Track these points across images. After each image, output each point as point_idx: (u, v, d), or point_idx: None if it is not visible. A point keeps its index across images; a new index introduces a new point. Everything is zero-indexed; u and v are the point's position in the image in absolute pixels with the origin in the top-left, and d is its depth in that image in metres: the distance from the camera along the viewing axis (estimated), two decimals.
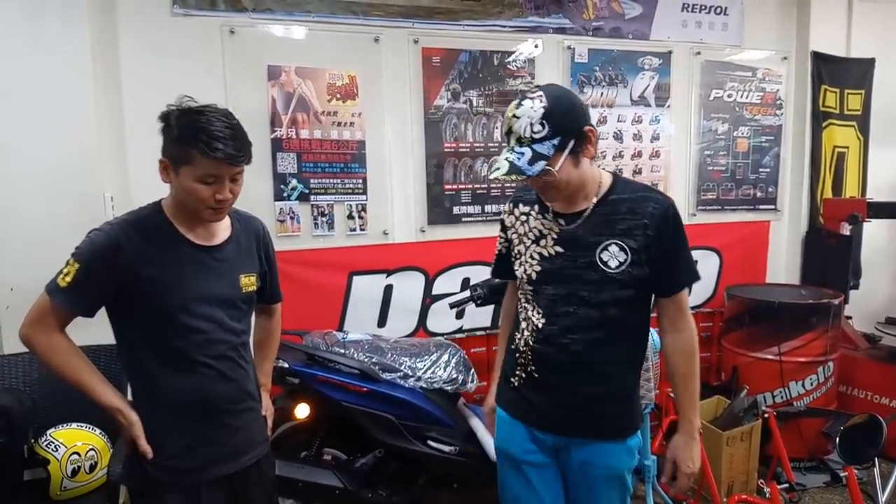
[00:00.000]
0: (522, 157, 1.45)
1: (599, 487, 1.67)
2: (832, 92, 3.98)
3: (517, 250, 1.70)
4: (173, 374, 1.52)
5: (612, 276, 1.54)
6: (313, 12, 2.95)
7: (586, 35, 3.47)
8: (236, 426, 1.63)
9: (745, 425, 3.01)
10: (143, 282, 1.47)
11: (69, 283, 1.46)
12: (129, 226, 1.51)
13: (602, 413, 1.63)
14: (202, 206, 1.48)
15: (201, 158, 1.42)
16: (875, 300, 4.22)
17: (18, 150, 2.51)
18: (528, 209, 1.68)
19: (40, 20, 2.50)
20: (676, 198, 3.67)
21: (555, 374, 1.62)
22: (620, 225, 1.55)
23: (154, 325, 1.51)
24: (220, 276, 1.58)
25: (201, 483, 1.56)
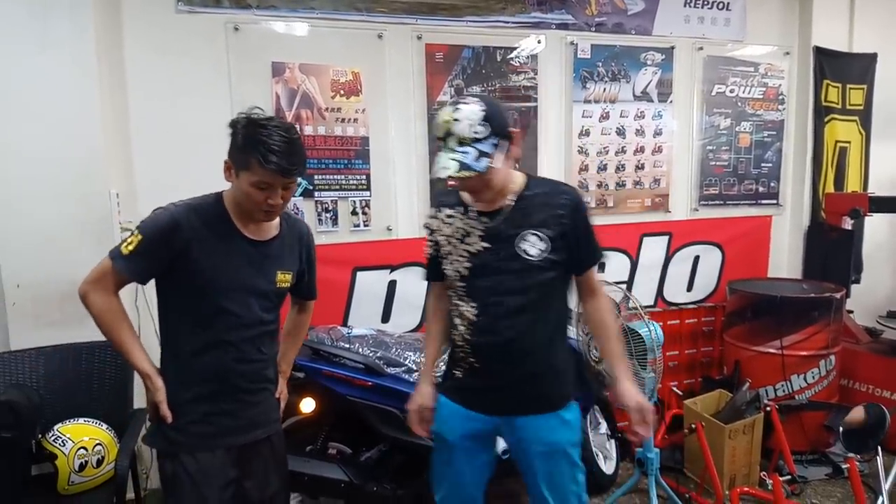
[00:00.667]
0: (468, 156, 1.56)
1: (544, 463, 1.78)
2: (834, 87, 3.99)
3: (445, 251, 1.80)
4: (201, 347, 1.69)
5: (533, 264, 1.69)
6: (317, 9, 2.96)
7: (589, 31, 3.48)
8: (251, 402, 1.79)
9: (748, 418, 3.04)
10: (193, 262, 1.64)
11: (131, 251, 1.63)
12: (192, 210, 1.67)
13: (538, 390, 1.77)
14: (255, 208, 1.64)
15: (258, 167, 1.57)
16: (876, 294, 4.24)
17: (25, 149, 2.54)
18: (453, 212, 1.80)
19: (47, 20, 2.51)
20: (679, 193, 3.77)
21: (493, 361, 1.75)
22: (537, 217, 1.70)
23: (194, 301, 1.68)
24: (260, 270, 1.74)
25: (215, 448, 1.72)
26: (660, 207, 3.79)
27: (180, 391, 1.70)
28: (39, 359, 2.54)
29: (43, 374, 2.54)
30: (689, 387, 3.82)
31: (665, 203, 3.80)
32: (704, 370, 3.91)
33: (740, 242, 3.98)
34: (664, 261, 3.83)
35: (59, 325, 2.63)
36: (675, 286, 3.88)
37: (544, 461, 1.78)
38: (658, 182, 3.76)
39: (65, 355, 2.58)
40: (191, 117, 2.84)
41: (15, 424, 2.20)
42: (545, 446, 1.77)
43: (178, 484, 1.70)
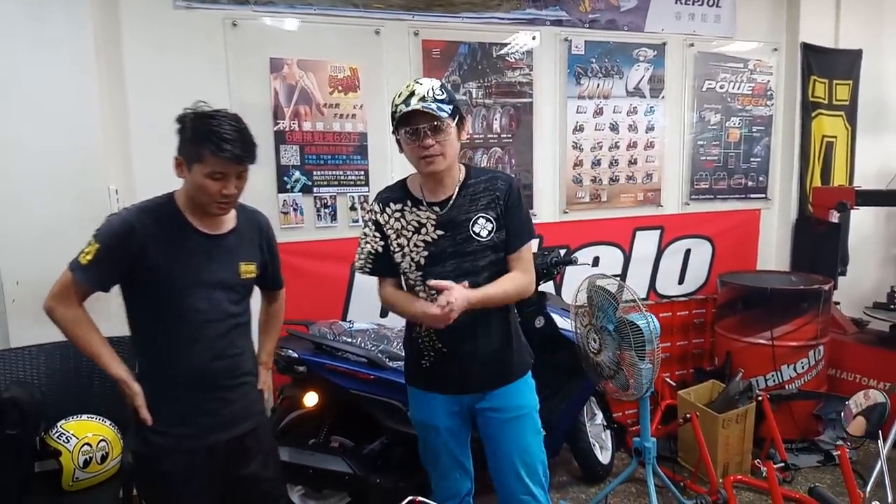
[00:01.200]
0: (435, 105, 1.70)
1: (512, 430, 1.94)
2: (821, 83, 4.07)
3: (397, 244, 1.88)
4: (173, 349, 1.69)
5: (485, 244, 1.84)
6: (315, 5, 2.96)
7: (583, 27, 3.52)
8: (231, 399, 1.79)
9: (740, 408, 3.11)
10: (151, 263, 1.65)
11: (89, 261, 1.65)
12: (143, 212, 1.69)
13: (501, 360, 1.93)
14: (210, 200, 1.65)
15: (211, 157, 1.60)
16: (862, 286, 4.33)
17: (23, 146, 2.52)
18: (401, 206, 1.88)
19: (44, 16, 2.49)
20: (670, 187, 3.83)
21: (459, 342, 1.87)
22: (482, 201, 1.85)
23: (159, 303, 1.68)
24: (221, 263, 1.75)
25: (197, 449, 1.72)
26: (652, 202, 3.85)
27: (157, 394, 1.71)
28: (40, 355, 2.53)
29: (44, 370, 2.53)
30: (680, 378, 3.89)
31: (657, 197, 3.85)
32: (696, 361, 3.98)
33: (730, 236, 4.06)
34: (656, 254, 3.89)
35: None
36: (666, 279, 3.95)
37: (512, 428, 1.93)
38: (650, 177, 3.81)
39: (66, 352, 2.56)
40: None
41: (19, 421, 2.19)
42: (513, 411, 1.94)
43: (159, 486, 1.74)
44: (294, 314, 2.77)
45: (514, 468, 1.94)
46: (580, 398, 2.99)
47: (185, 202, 1.71)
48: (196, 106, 1.69)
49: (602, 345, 2.57)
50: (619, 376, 2.56)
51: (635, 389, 2.54)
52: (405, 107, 1.72)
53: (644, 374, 2.49)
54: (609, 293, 2.53)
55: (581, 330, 2.68)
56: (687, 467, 3.21)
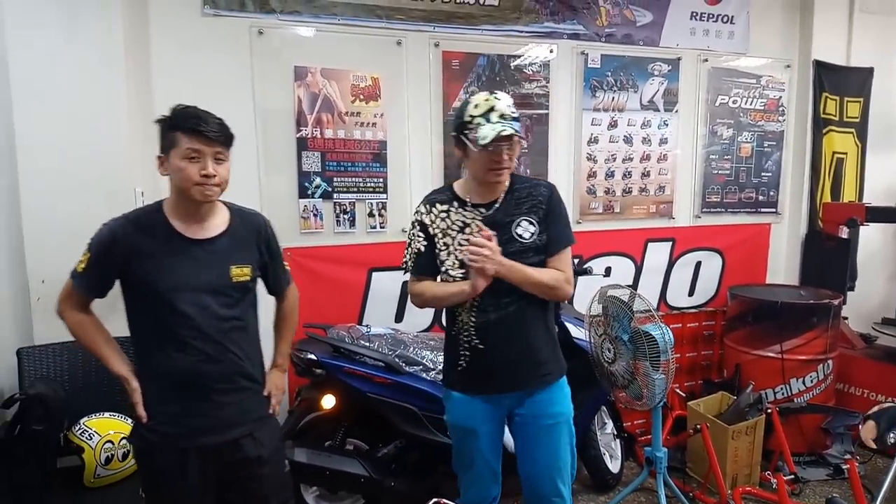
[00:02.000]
0: (516, 124, 1.82)
1: (548, 435, 1.99)
2: (832, 99, 4.11)
3: (443, 243, 1.97)
4: (164, 352, 1.72)
5: (527, 245, 1.92)
6: (339, 15, 3.02)
7: (599, 41, 3.58)
8: (224, 402, 1.78)
9: (750, 420, 3.13)
10: (136, 270, 1.70)
11: (83, 269, 1.75)
12: (128, 221, 1.75)
13: (537, 359, 1.98)
14: (189, 183, 1.67)
15: (184, 137, 1.66)
16: (870, 302, 4.36)
17: (53, 145, 2.57)
18: (447, 207, 1.98)
19: (76, 18, 2.55)
20: (682, 200, 3.88)
21: (498, 336, 1.93)
22: (525, 205, 1.95)
23: (148, 307, 1.73)
24: (209, 266, 1.76)
25: (189, 448, 1.74)
26: (664, 214, 3.89)
27: (151, 393, 1.76)
28: (64, 353, 2.58)
29: (67, 368, 2.58)
30: (689, 389, 3.92)
31: (669, 210, 3.90)
32: (705, 373, 4.01)
33: (740, 249, 4.09)
34: (667, 266, 3.92)
35: None
36: (677, 291, 3.98)
37: (549, 435, 1.99)
38: (663, 189, 3.86)
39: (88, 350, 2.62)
40: None
41: (44, 418, 2.24)
42: (551, 418, 1.99)
43: (152, 481, 1.80)
44: (312, 318, 2.82)
45: (549, 473, 2.01)
46: (592, 407, 3.02)
47: (172, 207, 1.75)
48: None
49: (616, 354, 2.61)
50: (633, 386, 2.60)
51: (648, 399, 2.58)
52: (484, 121, 1.81)
53: (658, 385, 2.53)
54: (624, 303, 2.57)
55: (595, 339, 2.72)
56: (696, 478, 3.24)
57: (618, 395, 2.76)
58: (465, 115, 1.86)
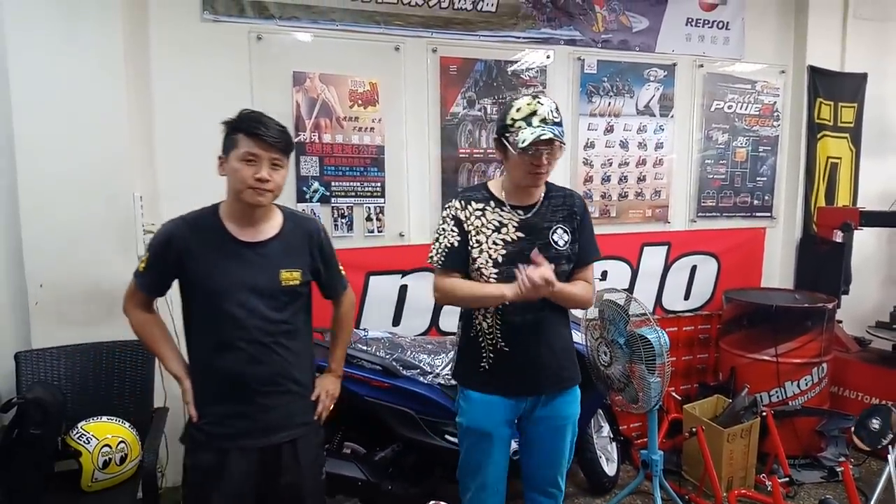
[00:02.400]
0: (557, 129, 1.82)
1: (559, 435, 2.04)
2: (827, 105, 4.15)
3: (476, 240, 1.94)
4: (213, 351, 1.77)
5: (561, 252, 1.94)
6: (337, 21, 3.05)
7: (595, 47, 3.61)
8: (269, 405, 1.80)
9: (745, 423, 3.15)
10: (189, 271, 1.76)
11: (143, 269, 1.82)
12: (184, 222, 1.79)
13: (560, 364, 2.01)
14: (243, 185, 1.70)
15: (244, 139, 1.69)
16: (864, 305, 4.38)
17: (52, 150, 2.59)
18: (483, 205, 1.96)
19: (76, 23, 2.58)
20: (678, 204, 3.91)
21: (522, 342, 1.94)
22: (560, 213, 1.98)
23: (200, 308, 1.79)
24: (259, 269, 1.78)
25: (230, 449, 1.78)
26: (660, 218, 3.92)
27: (201, 393, 1.81)
28: (61, 357, 2.59)
29: (64, 372, 2.58)
30: (685, 392, 3.94)
31: (665, 214, 3.92)
32: (700, 376, 4.03)
33: (735, 253, 4.12)
34: (663, 269, 3.95)
35: (82, 324, 2.69)
36: (673, 294, 4.00)
37: (557, 432, 2.04)
38: (658, 194, 3.88)
39: (86, 354, 2.62)
40: (214, 122, 2.86)
41: (42, 421, 2.24)
42: (562, 420, 2.04)
43: (191, 477, 1.83)
44: None
45: (551, 468, 2.07)
46: (589, 410, 3.03)
47: (227, 210, 1.79)
48: None
49: (613, 358, 2.63)
50: (629, 389, 2.62)
51: (644, 402, 2.60)
52: (525, 125, 1.82)
53: (653, 388, 2.54)
54: (620, 307, 2.59)
55: (592, 343, 2.74)
56: (691, 481, 3.25)
57: (614, 399, 2.78)
58: (508, 118, 1.86)
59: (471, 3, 3.28)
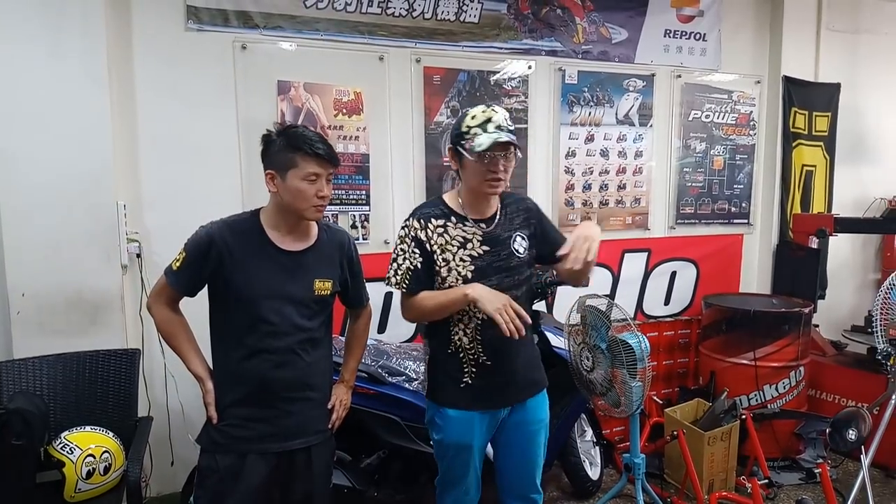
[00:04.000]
0: (511, 133, 1.83)
1: (531, 439, 2.07)
2: (801, 114, 4.25)
3: (442, 259, 1.90)
4: (241, 354, 1.79)
5: (523, 260, 1.98)
6: (322, 31, 3.07)
7: (576, 58, 3.67)
8: (290, 411, 1.84)
9: (725, 426, 3.20)
10: (228, 274, 1.77)
11: (178, 267, 1.81)
12: (226, 226, 1.81)
13: (534, 371, 2.07)
14: (307, 204, 1.76)
15: (306, 159, 1.73)
16: (840, 310, 4.49)
17: (35, 158, 2.59)
18: (443, 221, 1.92)
19: (59, 33, 2.59)
20: (657, 211, 3.97)
21: (504, 352, 1.95)
22: (517, 220, 2.00)
23: (233, 310, 1.80)
24: (295, 278, 1.83)
25: (249, 452, 1.80)
26: (639, 225, 3.98)
27: (224, 395, 1.83)
28: (43, 367, 2.56)
29: (47, 382, 2.56)
30: (666, 396, 3.98)
31: (644, 221, 3.99)
32: (681, 380, 4.08)
33: (714, 259, 4.19)
34: (643, 276, 4.01)
35: (64, 333, 2.68)
36: (653, 300, 4.06)
37: (532, 437, 2.07)
38: (638, 201, 3.95)
39: (69, 364, 2.60)
40: (197, 131, 2.92)
41: (24, 432, 2.22)
42: (537, 424, 2.07)
43: (206, 478, 1.83)
44: None
45: (529, 472, 2.09)
46: (572, 415, 3.06)
47: (270, 219, 1.83)
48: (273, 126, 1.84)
49: (595, 363, 2.66)
50: (611, 394, 2.65)
51: (626, 406, 2.63)
52: (481, 131, 1.82)
53: (635, 392, 2.58)
54: (602, 313, 2.63)
55: (574, 348, 2.77)
56: (674, 484, 3.29)
57: (597, 403, 2.81)
58: (463, 126, 1.85)
59: (454, 15, 3.32)
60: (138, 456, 2.34)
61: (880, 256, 4.78)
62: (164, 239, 2.90)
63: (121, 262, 2.75)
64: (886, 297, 3.05)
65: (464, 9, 3.34)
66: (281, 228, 1.83)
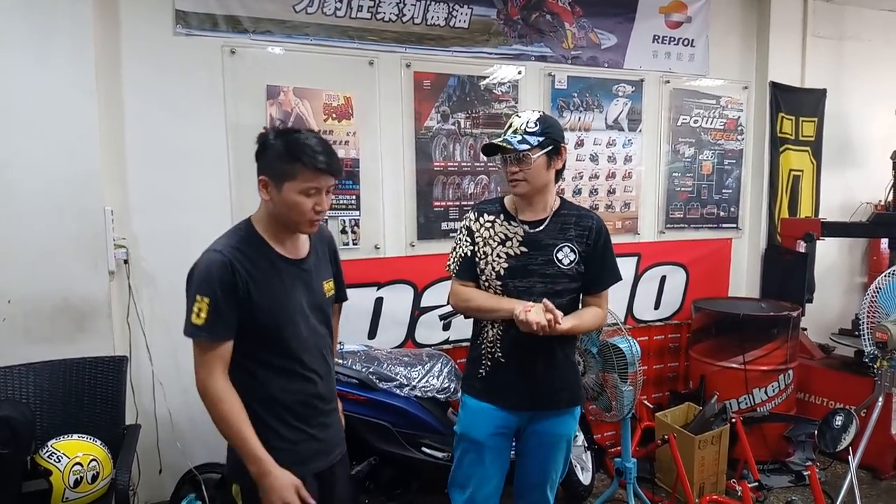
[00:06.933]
0: (514, 139, 1.88)
1: (551, 451, 2.05)
2: (788, 119, 4.29)
3: (483, 251, 1.99)
4: (281, 378, 1.66)
5: (564, 272, 1.95)
6: (311, 35, 3.06)
7: (566, 63, 3.68)
8: (329, 424, 1.78)
9: (715, 430, 3.22)
10: (253, 298, 1.59)
11: (205, 317, 1.55)
12: (235, 248, 1.61)
13: (556, 386, 2.01)
14: (303, 218, 1.60)
15: (305, 171, 1.56)
16: (828, 313, 4.53)
17: (22, 164, 2.57)
18: (493, 217, 2.01)
19: (48, 38, 2.57)
20: (647, 216, 3.98)
21: (519, 354, 1.95)
22: (570, 233, 1.97)
23: (263, 336, 1.63)
24: (309, 286, 1.73)
25: (306, 476, 1.65)
26: (629, 230, 3.99)
27: (264, 424, 1.63)
28: (29, 375, 2.54)
29: (33, 390, 2.54)
30: (656, 400, 4.01)
31: (634, 226, 4.00)
32: (671, 384, 4.10)
33: (703, 263, 4.22)
34: (633, 280, 4.02)
35: (51, 340, 2.66)
36: (643, 304, 4.08)
37: (550, 449, 2.05)
38: (628, 206, 3.96)
39: (56, 371, 2.58)
40: (186, 137, 2.90)
41: (11, 441, 2.20)
42: (556, 437, 2.04)
43: None
44: None
45: (541, 483, 2.08)
46: None
47: (267, 227, 1.66)
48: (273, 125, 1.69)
49: (586, 367, 2.67)
50: (603, 398, 2.66)
51: (617, 411, 2.65)
52: (500, 137, 1.92)
53: (626, 396, 2.59)
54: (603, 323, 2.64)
55: None
56: (664, 488, 3.30)
57: (588, 408, 2.82)
58: None
59: (444, 20, 3.33)
60: (126, 464, 2.33)
61: (866, 260, 4.84)
62: (152, 245, 2.88)
63: (108, 269, 2.72)
64: (873, 301, 3.08)
65: (454, 14, 3.35)
66: (282, 238, 1.68)
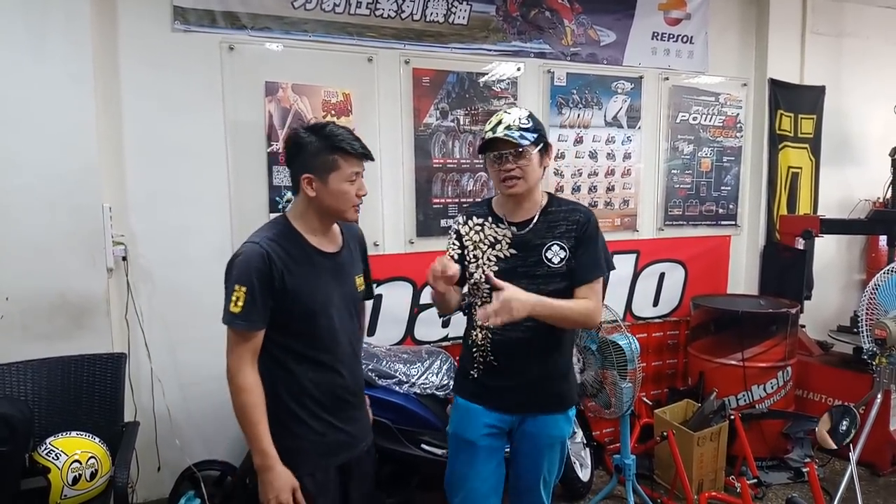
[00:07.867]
0: (514, 134, 1.81)
1: (544, 452, 2.01)
2: (787, 116, 4.29)
3: (473, 255, 1.97)
4: (312, 370, 1.71)
5: (555, 271, 1.89)
6: (310, 32, 3.05)
7: (565, 60, 3.67)
8: (355, 416, 1.83)
9: (714, 426, 3.22)
10: (289, 289, 1.65)
11: (242, 306, 1.60)
12: (272, 240, 1.66)
13: (549, 389, 1.98)
14: (348, 205, 1.70)
15: (347, 159, 1.66)
16: (826, 310, 4.54)
17: (19, 161, 2.56)
18: (482, 221, 1.98)
19: (44, 34, 2.55)
20: (645, 213, 3.98)
21: (511, 358, 1.93)
22: (558, 230, 1.91)
23: (297, 327, 1.69)
24: (343, 279, 1.79)
25: (329, 467, 1.75)
26: (628, 227, 3.99)
27: (297, 415, 1.70)
28: (27, 372, 2.54)
29: (31, 387, 2.53)
30: (655, 397, 4.01)
31: (633, 223, 4.00)
32: (670, 381, 4.10)
33: (702, 260, 4.21)
34: (632, 277, 4.02)
35: (49, 337, 2.65)
36: (642, 301, 4.07)
37: (543, 451, 2.01)
38: (627, 203, 3.96)
39: (54, 368, 2.57)
40: (184, 133, 2.89)
41: (9, 438, 2.19)
42: (550, 439, 2.01)
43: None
44: None
45: (535, 484, 2.04)
46: None
47: (307, 224, 1.73)
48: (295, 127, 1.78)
49: (585, 364, 2.67)
50: (602, 395, 2.66)
51: (616, 408, 2.65)
52: (492, 133, 1.85)
53: (625, 393, 2.59)
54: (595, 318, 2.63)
55: None
56: (663, 484, 3.31)
57: (587, 404, 2.82)
58: (484, 133, 1.89)
59: (443, 16, 3.32)
60: (125, 461, 2.32)
61: (865, 257, 4.85)
62: (151, 241, 2.87)
63: (106, 266, 2.71)
64: (872, 298, 3.08)
65: (453, 10, 3.34)
66: (318, 232, 1.74)
